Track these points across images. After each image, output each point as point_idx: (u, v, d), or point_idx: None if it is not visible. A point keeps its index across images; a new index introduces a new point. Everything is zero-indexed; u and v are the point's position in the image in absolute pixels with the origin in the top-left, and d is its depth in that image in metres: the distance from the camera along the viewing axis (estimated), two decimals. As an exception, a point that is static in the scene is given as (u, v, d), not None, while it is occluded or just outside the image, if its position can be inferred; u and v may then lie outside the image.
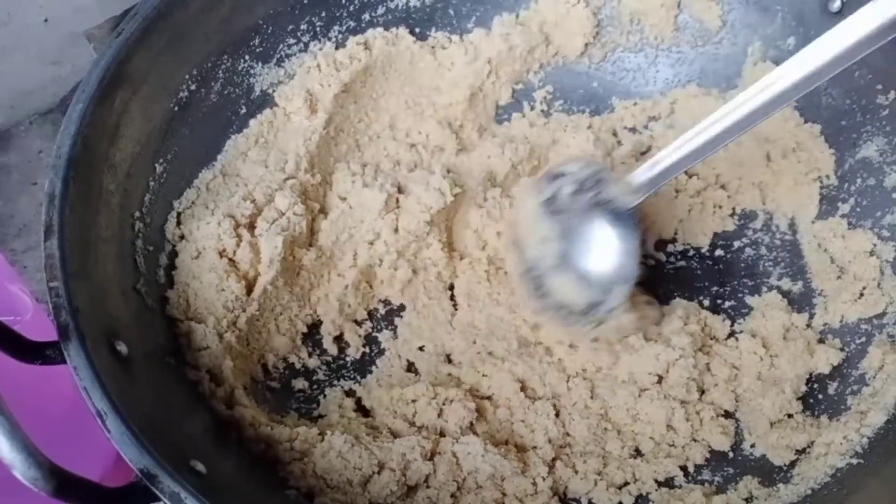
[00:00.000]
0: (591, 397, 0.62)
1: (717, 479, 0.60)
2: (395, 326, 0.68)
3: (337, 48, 0.73)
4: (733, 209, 0.73)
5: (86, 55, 0.94)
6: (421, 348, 0.66)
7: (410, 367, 0.66)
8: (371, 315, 0.69)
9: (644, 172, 0.60)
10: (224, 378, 0.57)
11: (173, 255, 0.62)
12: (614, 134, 0.77)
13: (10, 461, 0.39)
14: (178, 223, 0.63)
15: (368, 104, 0.74)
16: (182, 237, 0.63)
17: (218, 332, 0.59)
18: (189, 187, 0.65)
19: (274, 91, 0.71)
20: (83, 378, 0.45)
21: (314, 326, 0.67)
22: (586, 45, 0.77)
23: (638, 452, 0.61)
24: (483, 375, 0.63)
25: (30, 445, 0.39)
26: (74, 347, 0.46)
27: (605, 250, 0.62)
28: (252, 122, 0.70)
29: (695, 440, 0.61)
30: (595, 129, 0.76)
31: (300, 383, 0.64)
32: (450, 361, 0.66)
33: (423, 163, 0.73)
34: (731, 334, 0.66)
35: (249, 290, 0.62)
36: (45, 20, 0.90)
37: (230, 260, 0.62)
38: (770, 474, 0.59)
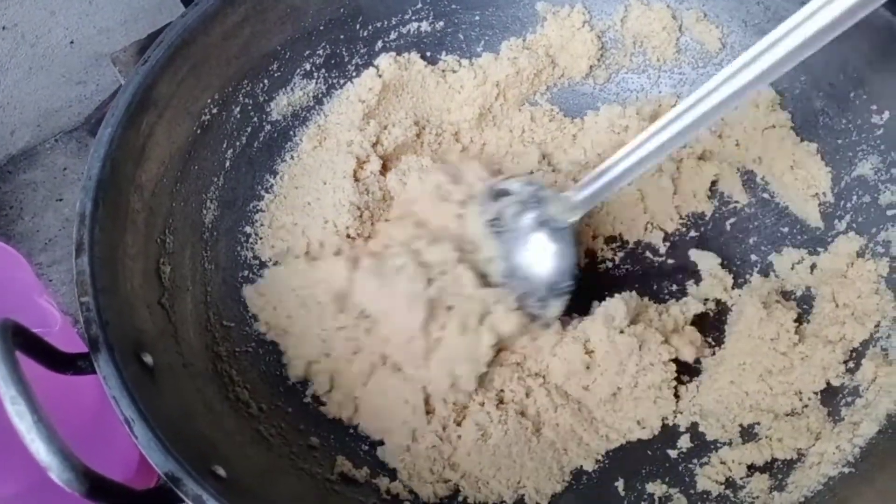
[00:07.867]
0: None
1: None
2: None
3: (352, 73, 0.75)
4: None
5: (109, 76, 0.97)
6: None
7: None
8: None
9: (583, 189, 0.62)
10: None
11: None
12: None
13: (47, 464, 0.41)
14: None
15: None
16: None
17: None
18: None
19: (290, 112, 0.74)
20: (112, 387, 0.48)
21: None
22: (591, 67, 0.78)
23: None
24: None
25: (65, 449, 0.41)
26: (104, 359, 0.49)
27: (544, 265, 0.64)
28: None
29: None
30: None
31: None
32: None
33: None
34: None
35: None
36: (71, 42, 0.93)
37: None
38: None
